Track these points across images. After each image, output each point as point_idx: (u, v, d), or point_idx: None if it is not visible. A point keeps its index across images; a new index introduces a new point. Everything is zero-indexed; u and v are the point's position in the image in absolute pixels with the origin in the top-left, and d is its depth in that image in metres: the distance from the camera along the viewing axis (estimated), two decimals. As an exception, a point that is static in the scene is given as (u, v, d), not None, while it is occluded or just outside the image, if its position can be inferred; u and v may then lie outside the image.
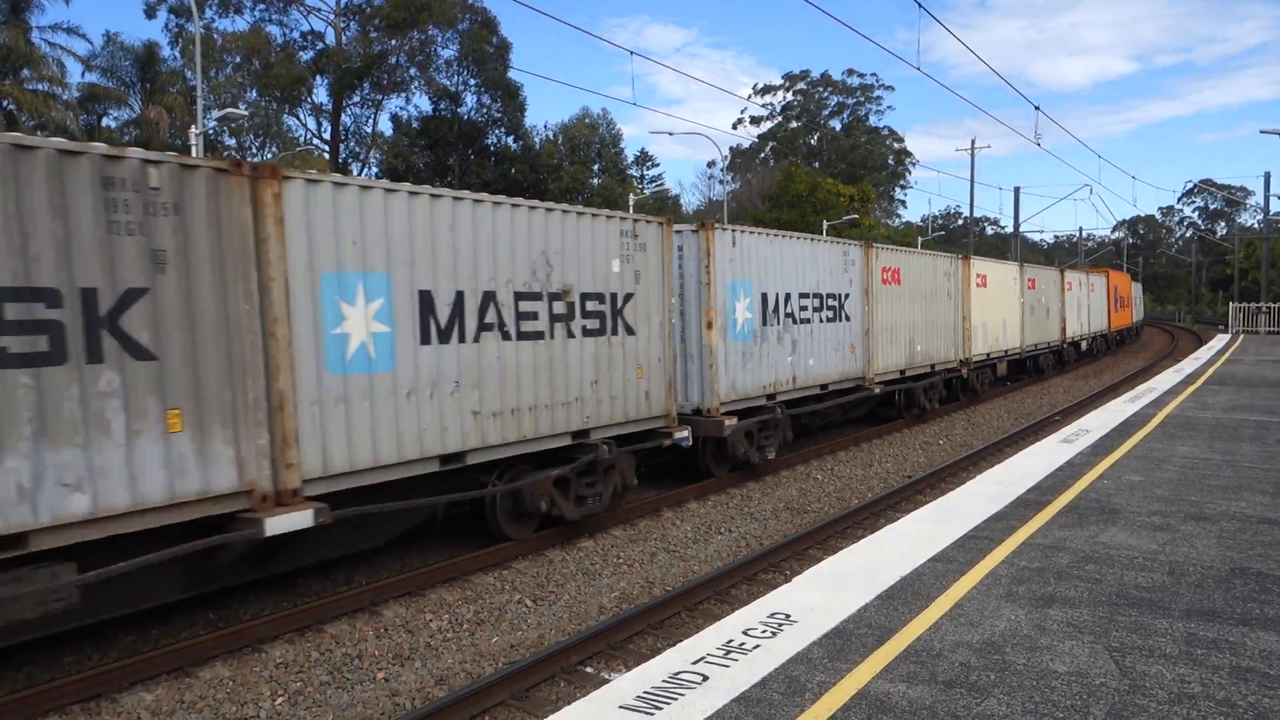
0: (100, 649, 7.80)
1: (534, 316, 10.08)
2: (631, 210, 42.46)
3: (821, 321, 16.04)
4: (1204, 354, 31.95)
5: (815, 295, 15.86)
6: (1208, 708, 4.64)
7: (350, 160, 50.00)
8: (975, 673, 5.07)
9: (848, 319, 16.91)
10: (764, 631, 5.70)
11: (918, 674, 5.06)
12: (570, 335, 10.57)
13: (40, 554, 6.32)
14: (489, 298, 9.53)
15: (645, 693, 4.87)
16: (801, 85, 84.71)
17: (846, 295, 16.86)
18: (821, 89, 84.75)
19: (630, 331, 11.51)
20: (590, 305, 10.87)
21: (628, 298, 11.47)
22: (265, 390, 7.53)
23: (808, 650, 5.41)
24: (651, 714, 4.62)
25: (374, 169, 49.88)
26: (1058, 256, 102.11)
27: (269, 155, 46.81)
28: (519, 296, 9.88)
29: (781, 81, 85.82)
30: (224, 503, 7.31)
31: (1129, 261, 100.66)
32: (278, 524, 7.41)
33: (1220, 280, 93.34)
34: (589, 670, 7.50)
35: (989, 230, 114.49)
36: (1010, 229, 53.56)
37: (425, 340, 8.87)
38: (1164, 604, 6.12)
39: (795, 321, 15.23)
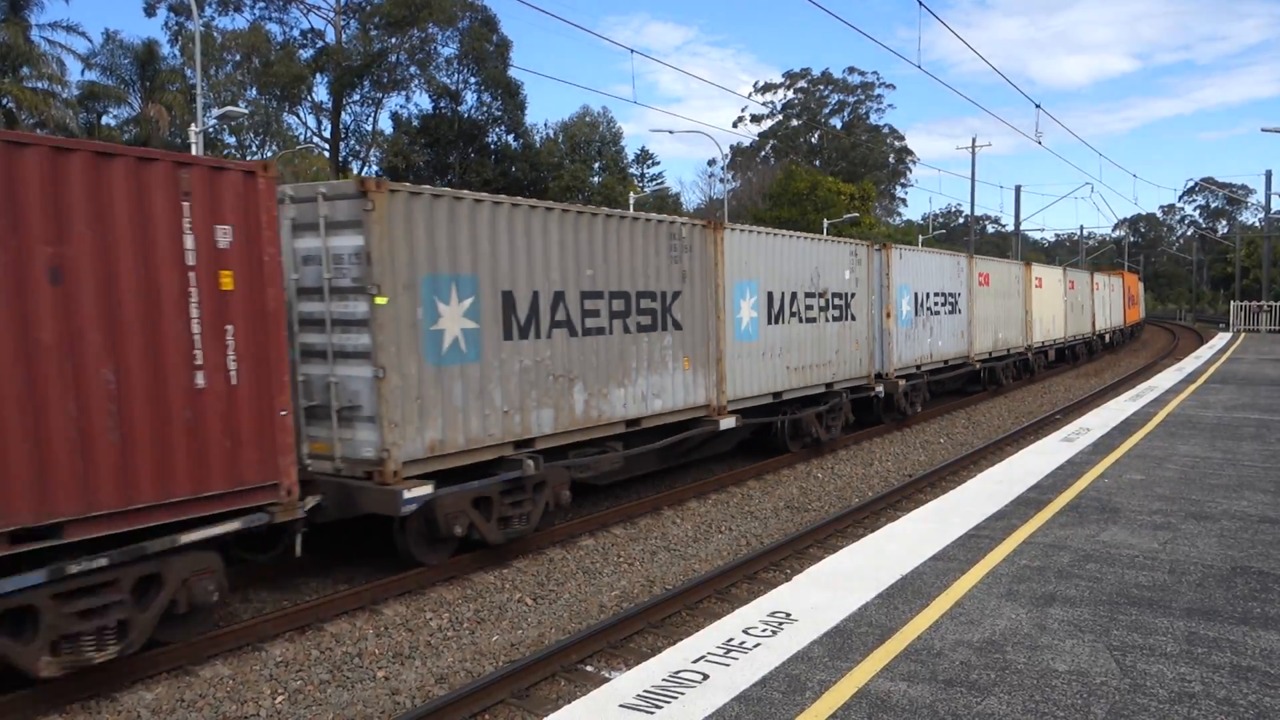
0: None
1: (811, 308, 15.74)
2: (631, 207, 42.58)
3: (946, 314, 21.55)
4: (1205, 352, 31.94)
5: (941, 294, 21.22)
6: (1208, 707, 4.64)
7: (350, 159, 50.01)
8: (976, 671, 5.07)
9: (960, 312, 22.44)
10: (764, 630, 5.69)
11: (918, 673, 5.06)
12: (828, 320, 16.24)
13: (613, 438, 11.57)
14: (793, 296, 15.23)
15: (645, 691, 4.87)
16: (802, 83, 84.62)
17: (959, 294, 22.40)
18: (822, 87, 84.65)
19: (854, 318, 17.12)
20: (836, 301, 16.54)
21: (853, 296, 17.09)
22: (715, 349, 13.17)
23: (808, 649, 5.41)
24: (652, 713, 4.62)
25: (374, 167, 49.90)
26: (1058, 255, 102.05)
27: (269, 154, 46.81)
28: (806, 294, 15.60)
29: (782, 80, 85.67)
30: (698, 410, 12.98)
31: (1130, 260, 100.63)
32: (724, 424, 13.28)
33: (1221, 279, 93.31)
34: (589, 669, 7.50)
35: (989, 229, 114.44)
36: (1011, 227, 53.53)
37: (770, 322, 14.59)
38: (1165, 603, 6.11)
39: (931, 313, 20.68)
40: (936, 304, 20.80)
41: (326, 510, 8.53)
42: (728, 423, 13.16)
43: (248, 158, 45.14)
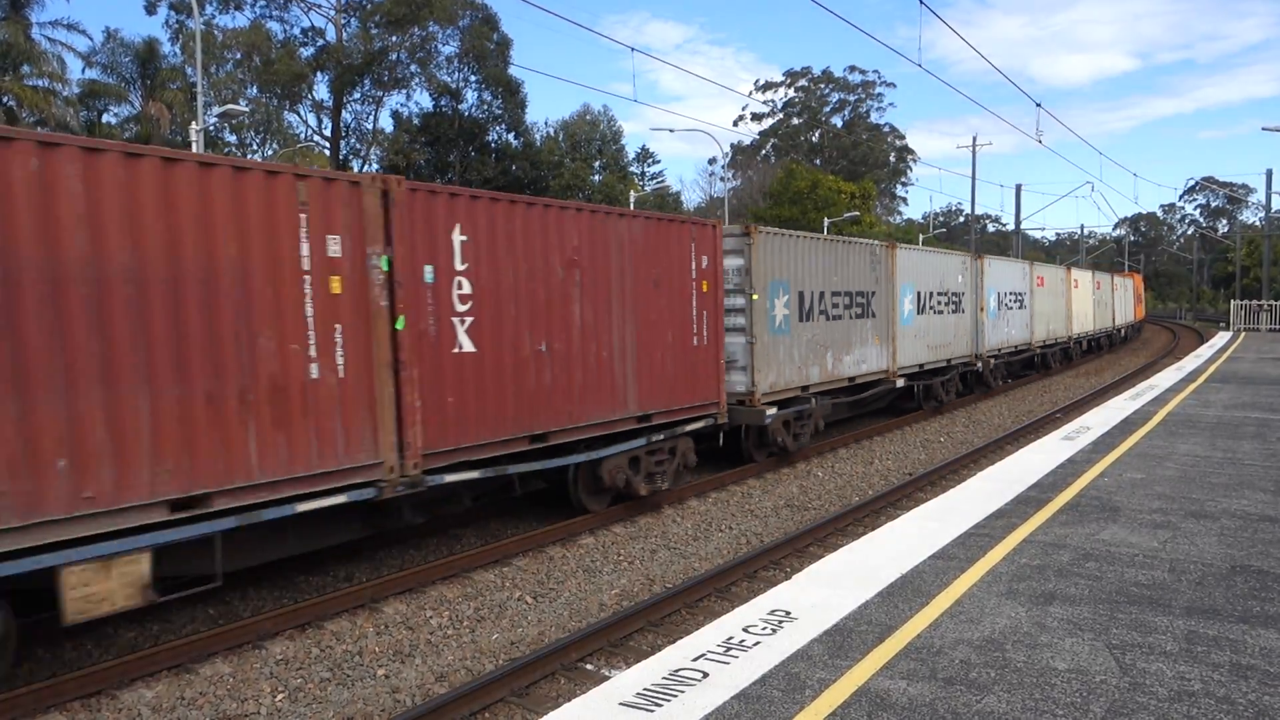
0: (101, 645, 7.81)
1: (939, 303, 21.12)
2: (632, 205, 42.53)
3: (1016, 309, 27.01)
4: (1205, 351, 31.93)
5: (1013, 294, 26.82)
6: (1208, 705, 4.64)
7: (351, 157, 49.98)
8: (975, 670, 5.07)
9: (1025, 308, 27.84)
10: (764, 628, 5.70)
11: (918, 671, 5.06)
12: (949, 313, 21.65)
13: (841, 389, 16.60)
14: (930, 294, 20.49)
15: (645, 689, 4.87)
16: (803, 82, 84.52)
17: (1024, 294, 27.92)
18: (823, 86, 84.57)
19: (963, 311, 22.58)
20: (954, 298, 21.98)
21: (962, 295, 22.51)
22: (890, 331, 18.29)
23: (808, 647, 5.41)
24: (652, 711, 4.62)
25: (375, 165, 49.86)
26: (1059, 254, 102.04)
27: (269, 152, 46.79)
28: (938, 294, 20.94)
29: (783, 78, 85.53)
30: (882, 374, 18.10)
31: (1130, 259, 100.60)
32: (899, 384, 18.72)
33: (1222, 278, 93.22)
34: (589, 667, 7.51)
35: (990, 228, 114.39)
36: (1011, 226, 53.56)
37: (919, 313, 19.88)
38: (1164, 601, 6.11)
39: (1007, 309, 26.18)
40: (1010, 302, 26.57)
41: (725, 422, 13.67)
42: (900, 383, 19.08)
43: (248, 156, 45.14)
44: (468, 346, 9.09)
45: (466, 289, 9.07)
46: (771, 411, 14.13)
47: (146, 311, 6.72)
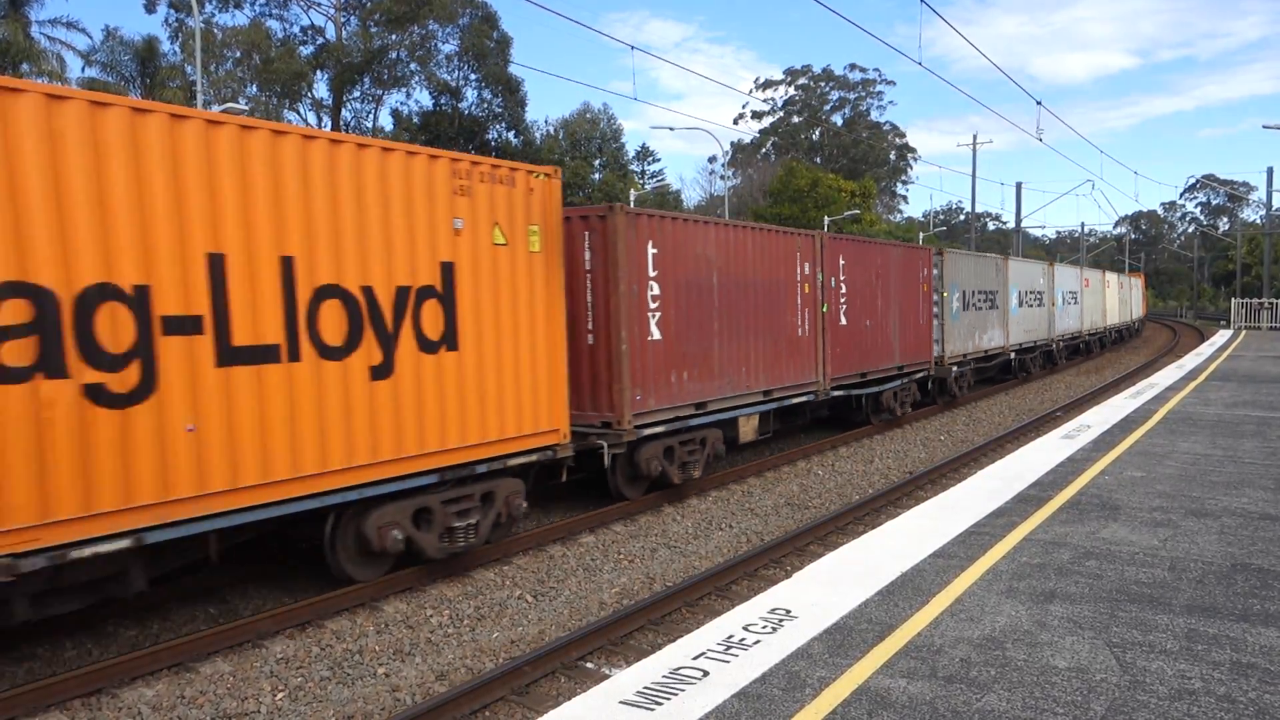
0: (101, 644, 7.81)
1: (1032, 300, 28.61)
2: (633, 203, 42.51)
3: (1071, 305, 34.45)
4: (1206, 349, 31.93)
5: (1070, 292, 34.37)
6: (1208, 703, 4.64)
7: (351, 155, 49.85)
8: (975, 668, 5.07)
9: (1077, 304, 35.34)
10: (764, 627, 5.70)
11: (918, 669, 5.06)
12: (1035, 306, 28.80)
13: (976, 360, 24.01)
14: (1026, 293, 27.95)
15: (646, 688, 4.87)
16: (803, 80, 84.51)
17: (1077, 291, 35.38)
18: (823, 84, 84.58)
19: (1043, 305, 29.74)
20: (1039, 296, 29.32)
21: (1043, 293, 29.56)
22: (1004, 318, 25.71)
23: (808, 646, 5.41)
24: (652, 709, 4.62)
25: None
26: (1059, 252, 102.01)
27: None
28: (1029, 293, 28.35)
29: (783, 76, 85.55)
30: (1000, 350, 25.52)
31: (1131, 257, 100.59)
32: (1011, 356, 26.86)
33: (1223, 276, 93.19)
34: (589, 666, 7.51)
35: (990, 226, 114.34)
36: (1012, 224, 53.63)
37: (1018, 306, 27.08)
38: (1165, 600, 6.11)
39: (1066, 304, 33.59)
40: (1069, 298, 34.01)
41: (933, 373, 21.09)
42: (1012, 356, 26.66)
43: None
44: (843, 322, 16.79)
45: (845, 291, 16.85)
46: (954, 369, 21.76)
47: (749, 302, 13.97)
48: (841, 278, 16.69)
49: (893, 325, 18.70)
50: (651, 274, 11.91)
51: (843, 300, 16.72)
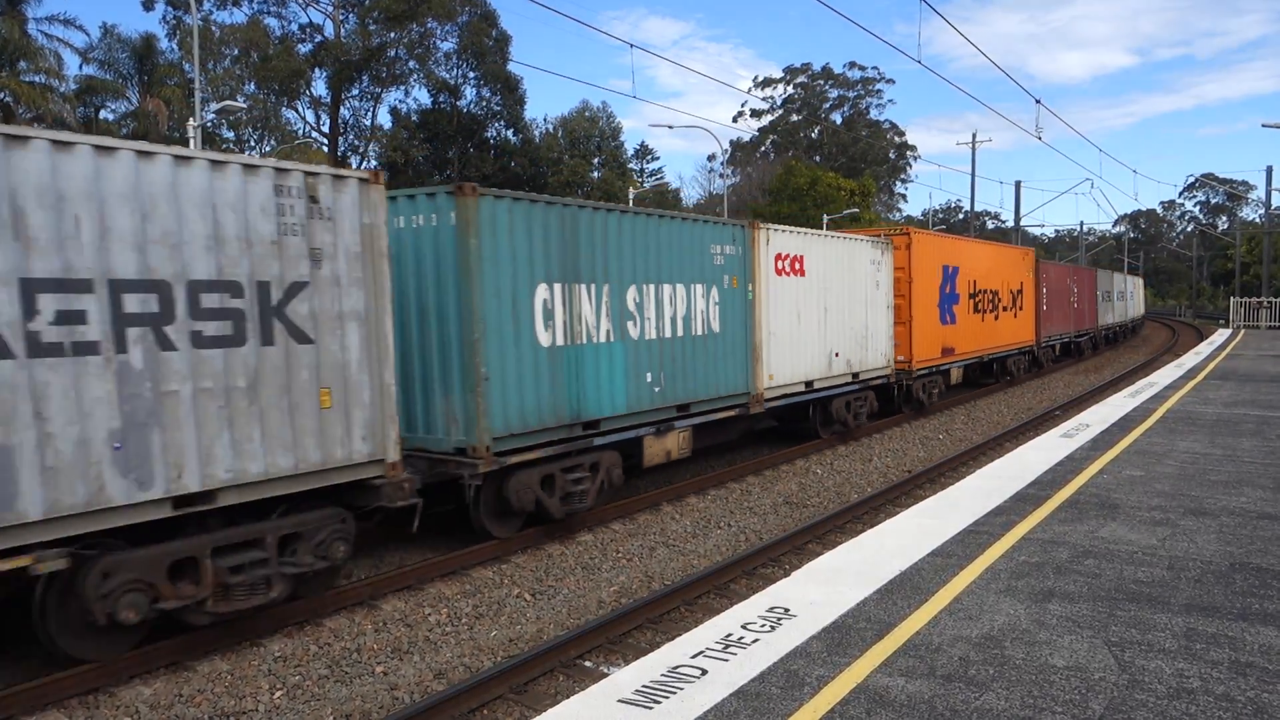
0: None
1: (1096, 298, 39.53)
2: (631, 202, 42.44)
3: (1116, 302, 45.19)
4: (1205, 349, 31.93)
5: (1106, 291, 42.29)
6: (1206, 702, 4.63)
7: (349, 153, 49.91)
8: (974, 667, 5.06)
9: (1113, 301, 43.51)
10: (763, 626, 5.69)
11: (916, 668, 5.06)
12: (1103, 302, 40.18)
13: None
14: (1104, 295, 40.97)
15: (644, 687, 4.86)
16: (802, 78, 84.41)
17: (1111, 291, 43.05)
18: (822, 82, 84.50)
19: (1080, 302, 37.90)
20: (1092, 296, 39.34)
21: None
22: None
23: (806, 644, 5.40)
24: (650, 708, 4.61)
25: (373, 162, 49.78)
26: (1058, 251, 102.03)
27: (267, 148, 46.71)
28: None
29: (782, 74, 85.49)
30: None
31: (1130, 256, 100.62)
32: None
33: (1222, 275, 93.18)
34: (588, 664, 7.50)
35: (990, 224, 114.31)
36: (1011, 223, 53.61)
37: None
38: (1163, 599, 6.11)
39: (1106, 303, 42.19)
40: (1105, 297, 42.36)
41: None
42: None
43: (246, 152, 45.05)
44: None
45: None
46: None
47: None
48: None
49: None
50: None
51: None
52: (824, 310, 16.08)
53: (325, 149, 47.73)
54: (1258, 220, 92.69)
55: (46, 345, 6.24)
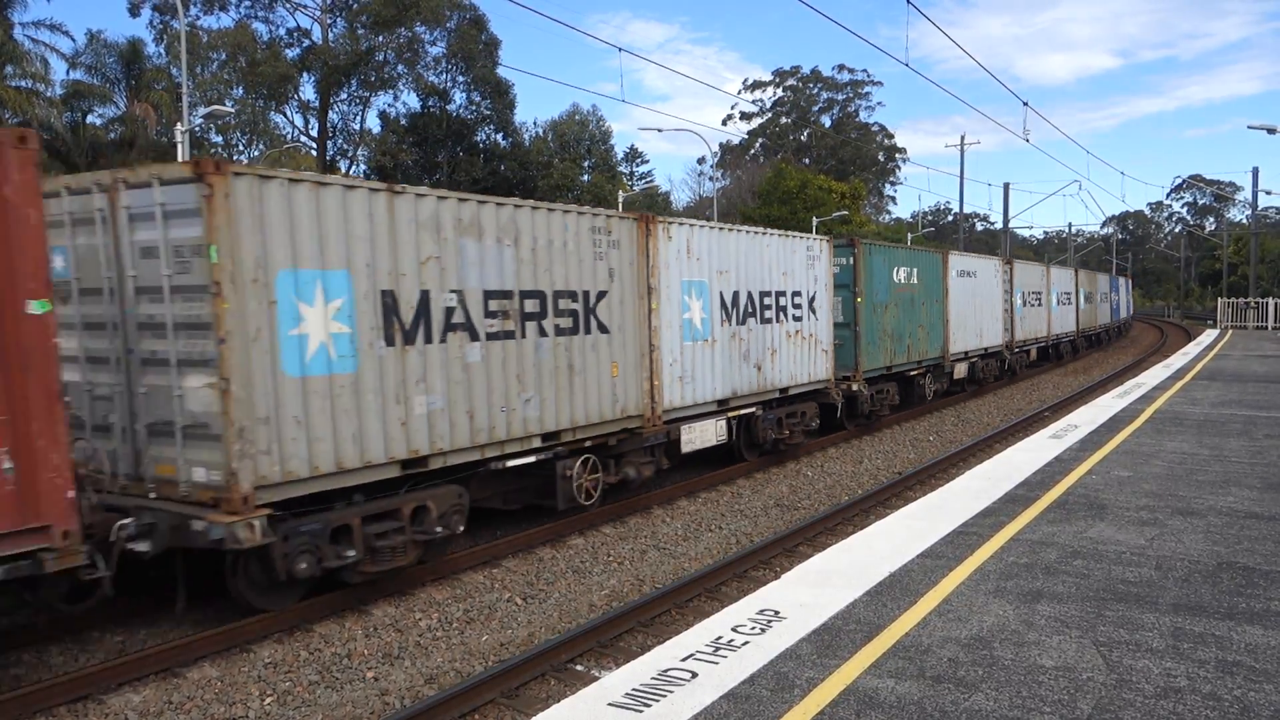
0: (87, 650, 7.76)
1: (1087, 298, 41.90)
2: (620, 207, 42.58)
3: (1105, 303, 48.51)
4: (1193, 349, 32.12)
5: (1103, 292, 45.80)
6: (1194, 701, 4.66)
7: (338, 158, 49.78)
8: (963, 668, 5.08)
9: (1107, 302, 48.07)
10: (753, 628, 5.70)
11: (906, 669, 5.07)
12: (1078, 304, 39.67)
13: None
14: (1081, 294, 40.32)
15: (634, 690, 4.86)
16: (791, 81, 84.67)
17: (1108, 292, 47.54)
18: (811, 85, 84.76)
19: (1090, 304, 42.01)
20: (1091, 297, 43.11)
21: (1090, 294, 42.17)
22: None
23: (796, 647, 5.41)
24: (641, 711, 4.62)
25: (362, 166, 49.69)
26: (1047, 253, 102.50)
27: (256, 153, 46.55)
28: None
29: (771, 77, 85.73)
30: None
31: (1118, 257, 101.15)
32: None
33: (1209, 275, 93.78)
34: (579, 668, 7.50)
35: (978, 226, 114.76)
36: (1000, 225, 53.95)
37: (1085, 303, 41.03)
38: (1151, 599, 6.14)
39: (1104, 301, 47.22)
40: (1103, 297, 45.02)
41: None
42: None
43: (234, 157, 44.95)
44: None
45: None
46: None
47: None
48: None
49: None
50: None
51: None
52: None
53: (314, 153, 47.61)
54: (1245, 221, 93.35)
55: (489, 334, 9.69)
